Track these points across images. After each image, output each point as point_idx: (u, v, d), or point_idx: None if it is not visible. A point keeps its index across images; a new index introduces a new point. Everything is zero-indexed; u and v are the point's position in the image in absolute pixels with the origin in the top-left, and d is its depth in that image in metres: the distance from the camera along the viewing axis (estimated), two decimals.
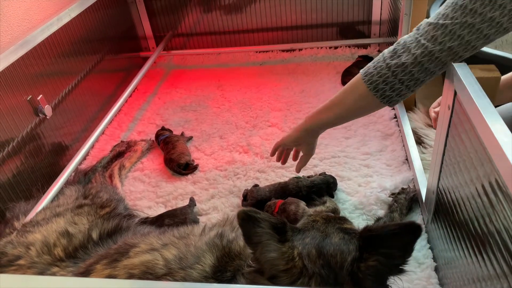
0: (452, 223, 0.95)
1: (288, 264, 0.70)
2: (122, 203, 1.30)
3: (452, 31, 0.89)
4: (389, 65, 1.00)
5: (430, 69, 0.96)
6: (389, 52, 1.00)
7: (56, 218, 1.11)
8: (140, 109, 2.00)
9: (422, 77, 0.97)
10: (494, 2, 0.83)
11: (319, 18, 2.20)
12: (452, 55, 0.90)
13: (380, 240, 0.69)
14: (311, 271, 0.68)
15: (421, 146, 1.53)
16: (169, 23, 2.34)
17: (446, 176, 0.97)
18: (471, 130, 0.78)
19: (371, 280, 0.67)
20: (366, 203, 1.30)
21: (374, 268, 0.67)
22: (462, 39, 0.88)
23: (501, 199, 0.67)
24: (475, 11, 0.85)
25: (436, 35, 0.90)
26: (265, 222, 0.71)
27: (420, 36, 0.93)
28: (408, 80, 0.98)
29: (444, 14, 0.90)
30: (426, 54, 0.92)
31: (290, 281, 0.68)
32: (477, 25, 0.86)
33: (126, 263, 0.84)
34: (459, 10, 0.88)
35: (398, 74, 0.98)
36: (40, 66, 1.51)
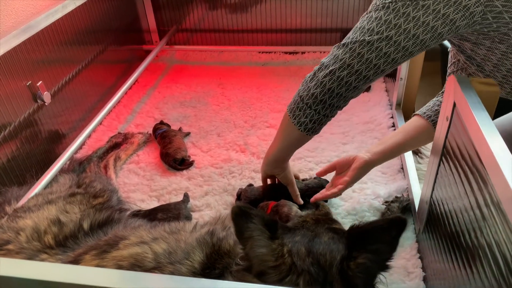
0: (443, 234, 0.95)
1: (277, 260, 0.70)
2: (116, 194, 1.30)
3: (378, 48, 0.92)
4: (302, 97, 1.05)
5: (342, 93, 1.01)
6: (308, 78, 1.05)
7: (48, 205, 1.10)
8: (140, 102, 2.00)
9: (337, 102, 1.03)
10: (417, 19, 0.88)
11: (324, 23, 2.20)
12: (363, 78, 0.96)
13: (368, 236, 0.70)
14: (300, 269, 0.68)
15: (417, 156, 1.53)
16: (173, 17, 2.34)
17: (440, 187, 0.98)
18: (468, 143, 0.79)
19: (361, 278, 0.67)
20: (359, 209, 1.30)
21: (363, 266, 0.68)
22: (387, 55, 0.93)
23: (493, 213, 0.67)
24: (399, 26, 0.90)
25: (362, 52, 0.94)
26: (258, 218, 0.72)
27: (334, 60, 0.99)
28: (323, 108, 1.03)
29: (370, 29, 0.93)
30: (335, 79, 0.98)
31: (278, 278, 0.68)
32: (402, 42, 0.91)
33: (115, 254, 0.84)
34: (384, 25, 0.91)
35: (312, 105, 1.03)
36: (42, 52, 1.51)
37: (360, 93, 1.06)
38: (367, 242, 0.69)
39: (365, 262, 0.68)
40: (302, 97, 1.06)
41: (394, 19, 0.91)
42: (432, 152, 1.03)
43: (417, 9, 0.88)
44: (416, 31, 0.90)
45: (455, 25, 0.89)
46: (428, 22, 0.89)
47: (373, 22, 0.94)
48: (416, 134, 1.17)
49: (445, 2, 0.86)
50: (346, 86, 1.00)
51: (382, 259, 0.69)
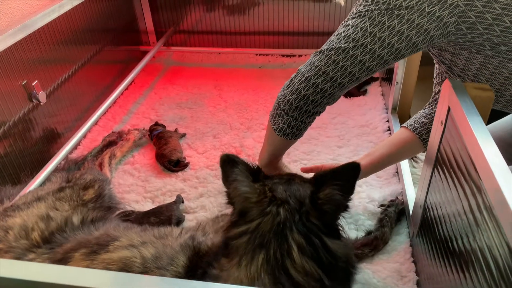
0: (436, 239, 0.95)
1: (259, 196, 0.79)
2: (108, 185, 1.25)
3: (354, 55, 0.94)
4: (279, 103, 1.07)
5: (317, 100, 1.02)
6: (286, 84, 1.08)
7: (37, 202, 1.09)
8: (136, 102, 1.99)
9: (312, 109, 1.04)
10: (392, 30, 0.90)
11: (321, 26, 2.21)
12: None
13: (329, 178, 0.79)
14: (279, 200, 0.78)
15: (412, 160, 1.54)
16: (171, 19, 2.34)
17: (434, 191, 0.98)
18: (462, 148, 0.79)
19: (329, 205, 0.77)
20: (353, 212, 1.31)
21: (330, 194, 0.77)
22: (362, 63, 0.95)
23: (486, 218, 0.67)
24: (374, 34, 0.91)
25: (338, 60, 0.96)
26: (242, 165, 0.82)
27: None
28: (299, 115, 1.04)
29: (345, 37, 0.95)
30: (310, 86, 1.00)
31: (260, 210, 0.77)
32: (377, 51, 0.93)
33: (105, 257, 0.85)
34: (360, 33, 0.93)
35: (288, 112, 1.05)
36: (38, 51, 1.50)
37: (337, 100, 1.07)
38: (330, 181, 0.79)
39: (331, 191, 0.78)
40: (279, 103, 1.08)
41: (369, 28, 0.92)
42: (426, 156, 1.04)
43: (392, 18, 0.90)
44: (391, 40, 0.91)
45: (429, 35, 0.90)
46: (402, 32, 0.90)
47: (349, 29, 0.95)
48: (402, 147, 1.18)
49: (419, 13, 0.88)
50: (321, 93, 1.01)
51: (343, 192, 0.78)
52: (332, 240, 0.77)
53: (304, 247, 0.73)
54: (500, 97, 1.01)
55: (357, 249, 1.16)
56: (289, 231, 0.74)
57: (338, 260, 0.76)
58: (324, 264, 0.74)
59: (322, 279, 0.73)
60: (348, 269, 0.81)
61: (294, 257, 0.72)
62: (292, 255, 0.72)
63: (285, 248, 0.73)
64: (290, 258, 0.72)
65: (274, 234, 0.74)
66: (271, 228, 0.75)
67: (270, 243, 0.74)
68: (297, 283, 0.71)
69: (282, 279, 0.71)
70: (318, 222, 0.76)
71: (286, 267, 0.72)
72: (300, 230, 0.74)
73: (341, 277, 0.78)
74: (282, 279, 0.71)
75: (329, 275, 0.74)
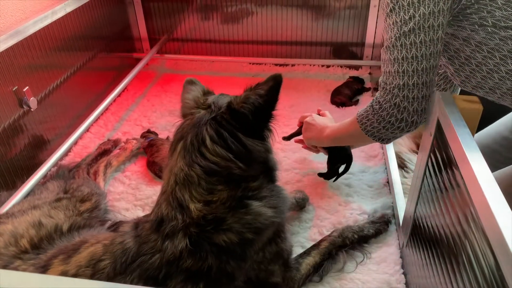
0: (426, 250, 0.95)
1: (195, 104, 0.97)
2: (104, 199, 1.28)
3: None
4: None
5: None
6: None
7: (32, 210, 1.09)
8: (128, 109, 1.99)
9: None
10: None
11: (314, 36, 2.23)
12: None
13: (254, 87, 0.92)
14: (206, 105, 0.95)
15: (403, 170, 1.54)
16: (165, 26, 2.35)
17: (423, 202, 0.98)
18: (450, 160, 0.80)
19: (246, 106, 0.89)
20: (344, 223, 1.30)
21: (245, 96, 0.90)
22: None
23: (473, 229, 0.68)
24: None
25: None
26: (199, 86, 1.04)
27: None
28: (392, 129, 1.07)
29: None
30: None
31: (190, 113, 0.95)
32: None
33: (76, 258, 0.89)
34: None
35: (386, 127, 1.07)
36: (29, 58, 1.50)
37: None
38: (252, 89, 0.92)
39: (246, 93, 0.91)
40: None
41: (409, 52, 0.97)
42: (416, 167, 1.04)
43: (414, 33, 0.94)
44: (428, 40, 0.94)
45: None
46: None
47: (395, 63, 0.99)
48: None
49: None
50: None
51: (264, 98, 0.89)
52: (250, 138, 0.91)
53: (214, 137, 0.88)
54: (497, 89, 1.02)
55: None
56: (204, 125, 0.89)
57: (252, 153, 0.91)
58: (235, 152, 0.88)
59: (235, 161, 0.88)
60: (267, 164, 0.96)
61: (207, 144, 0.88)
62: (206, 143, 0.88)
63: (200, 137, 0.88)
64: (204, 145, 0.88)
65: (192, 128, 0.91)
66: (190, 124, 0.92)
67: (188, 134, 0.90)
68: (212, 162, 0.87)
69: (197, 160, 0.87)
70: (234, 121, 0.90)
71: (202, 151, 0.88)
72: (212, 125, 0.89)
73: (257, 166, 0.93)
74: (197, 160, 0.87)
75: (241, 160, 0.89)
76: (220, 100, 0.94)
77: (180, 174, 0.87)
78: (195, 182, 0.86)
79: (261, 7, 2.19)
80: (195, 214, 0.84)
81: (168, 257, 0.82)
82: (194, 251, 0.82)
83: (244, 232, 0.86)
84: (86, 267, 0.86)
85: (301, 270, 1.10)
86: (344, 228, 1.23)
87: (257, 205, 0.89)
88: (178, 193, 0.87)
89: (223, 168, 0.87)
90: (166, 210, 0.87)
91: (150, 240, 0.85)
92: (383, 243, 1.24)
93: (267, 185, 0.95)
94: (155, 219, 0.87)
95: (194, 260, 0.82)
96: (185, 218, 0.84)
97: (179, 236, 0.83)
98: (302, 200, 1.36)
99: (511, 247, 0.53)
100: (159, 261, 0.82)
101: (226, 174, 0.87)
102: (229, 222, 0.85)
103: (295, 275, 1.08)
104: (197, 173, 0.86)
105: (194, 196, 0.86)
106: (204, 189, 0.86)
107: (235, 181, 0.88)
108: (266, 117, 0.94)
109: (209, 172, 0.86)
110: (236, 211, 0.86)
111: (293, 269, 1.08)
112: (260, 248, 0.93)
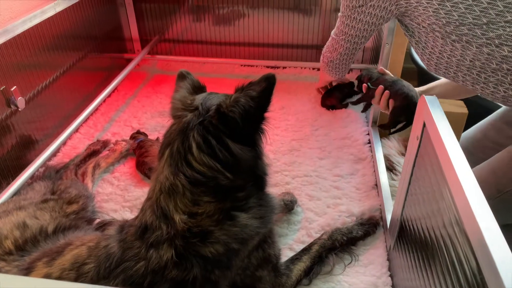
0: (412, 252, 0.96)
1: (183, 105, 0.91)
2: (92, 202, 1.27)
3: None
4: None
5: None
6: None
7: (18, 211, 1.08)
8: (118, 110, 1.98)
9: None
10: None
11: (305, 39, 2.24)
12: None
13: (245, 87, 0.88)
14: (193, 107, 0.89)
15: (391, 173, 1.55)
16: (156, 27, 2.34)
17: (410, 205, 0.99)
18: (436, 163, 0.80)
19: (235, 110, 0.84)
20: (333, 225, 1.31)
21: (235, 100, 0.84)
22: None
23: (457, 233, 0.68)
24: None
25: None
26: (190, 80, 1.00)
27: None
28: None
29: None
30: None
31: (177, 116, 0.89)
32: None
33: (60, 261, 0.88)
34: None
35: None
36: (18, 57, 1.48)
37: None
38: (243, 90, 0.88)
39: (236, 96, 0.85)
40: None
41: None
42: (403, 170, 1.05)
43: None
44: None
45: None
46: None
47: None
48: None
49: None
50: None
51: (254, 96, 0.85)
52: (238, 144, 0.85)
53: (201, 145, 0.84)
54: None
55: None
56: (191, 131, 0.85)
57: (240, 162, 0.86)
58: (222, 161, 0.84)
59: (222, 171, 0.84)
60: (255, 171, 0.92)
61: (194, 152, 0.84)
62: (192, 151, 0.84)
63: (187, 144, 0.84)
64: (191, 153, 0.84)
65: (178, 133, 0.86)
66: (177, 129, 0.87)
67: (175, 141, 0.86)
68: (198, 172, 0.83)
69: (183, 169, 0.84)
70: (222, 126, 0.85)
71: (188, 160, 0.84)
72: (199, 131, 0.84)
73: (245, 175, 0.89)
74: (183, 169, 0.84)
75: (229, 170, 0.85)
76: (208, 101, 0.89)
77: (166, 183, 0.85)
78: (180, 192, 0.84)
79: (253, 9, 2.20)
80: (180, 226, 0.82)
81: (153, 266, 0.81)
82: (179, 262, 0.81)
83: (231, 242, 0.85)
84: (69, 270, 0.85)
85: (292, 277, 1.09)
86: (333, 231, 1.24)
87: (244, 217, 0.87)
88: (163, 202, 0.84)
89: (209, 178, 0.84)
90: (150, 218, 0.85)
91: (134, 246, 0.84)
92: (370, 246, 1.25)
93: (255, 194, 0.92)
94: (139, 226, 0.86)
95: (179, 271, 0.81)
96: (170, 230, 0.83)
97: (164, 247, 0.82)
98: (291, 202, 1.36)
99: (492, 251, 0.54)
100: (143, 269, 0.82)
101: (213, 185, 0.84)
102: (217, 235, 0.84)
103: (286, 282, 1.07)
104: (182, 183, 0.83)
105: (179, 207, 0.84)
106: (189, 200, 0.84)
107: (222, 192, 0.86)
108: (257, 121, 0.89)
109: (194, 183, 0.84)
110: (223, 224, 0.85)
111: (283, 275, 1.07)
112: (246, 255, 0.92)
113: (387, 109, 1.43)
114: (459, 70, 1.22)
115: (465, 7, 1.11)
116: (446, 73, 1.28)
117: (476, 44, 1.14)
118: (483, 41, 1.12)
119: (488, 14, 1.09)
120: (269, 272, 1.01)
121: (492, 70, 1.15)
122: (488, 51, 1.13)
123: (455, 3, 1.12)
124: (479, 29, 1.11)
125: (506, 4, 1.07)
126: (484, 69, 1.16)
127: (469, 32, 1.13)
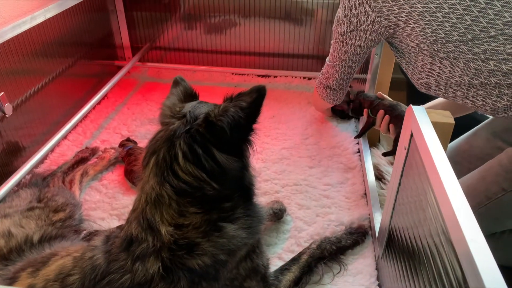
0: (400, 262, 0.96)
1: (171, 112, 0.89)
2: (79, 210, 1.26)
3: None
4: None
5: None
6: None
7: (3, 219, 1.06)
8: (108, 117, 1.97)
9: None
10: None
11: (296, 49, 2.25)
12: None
13: (234, 97, 0.86)
14: (181, 115, 0.87)
15: (381, 182, 1.56)
16: (147, 35, 2.34)
17: (398, 214, 0.99)
18: (423, 173, 0.81)
19: (223, 119, 0.82)
20: (322, 234, 1.31)
21: (224, 109, 0.83)
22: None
23: (443, 242, 0.69)
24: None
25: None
26: (183, 87, 0.98)
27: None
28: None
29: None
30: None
31: (165, 123, 0.87)
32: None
33: (44, 271, 0.87)
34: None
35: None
36: (6, 63, 1.47)
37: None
38: (232, 100, 0.86)
39: (225, 105, 0.84)
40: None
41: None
42: (391, 179, 1.05)
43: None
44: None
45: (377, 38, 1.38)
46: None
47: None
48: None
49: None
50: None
51: (244, 107, 0.83)
52: (224, 154, 0.84)
53: (187, 154, 0.82)
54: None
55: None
56: (177, 139, 0.83)
57: (226, 172, 0.84)
58: (209, 171, 0.83)
59: (208, 181, 0.83)
60: (242, 182, 0.91)
61: (180, 161, 0.82)
62: (178, 160, 0.82)
63: (173, 153, 0.82)
64: (177, 162, 0.82)
65: (165, 141, 0.84)
66: (164, 136, 0.85)
67: (161, 148, 0.84)
68: (184, 181, 0.82)
69: (169, 178, 0.82)
70: (209, 135, 0.83)
71: (174, 169, 0.82)
72: (185, 139, 0.82)
73: (232, 185, 0.88)
74: (169, 178, 0.82)
75: (215, 180, 0.83)
76: (196, 110, 0.87)
77: (152, 193, 0.83)
78: (166, 203, 0.82)
79: (244, 18, 2.21)
80: (166, 239, 0.81)
81: (139, 279, 0.80)
82: (166, 275, 0.81)
83: (218, 254, 0.84)
84: (54, 281, 0.84)
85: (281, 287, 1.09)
86: (323, 240, 1.24)
87: (231, 228, 0.86)
88: (149, 213, 0.83)
89: (195, 189, 0.82)
90: (136, 230, 0.84)
91: (120, 258, 0.83)
92: (359, 255, 1.25)
93: (242, 204, 0.91)
94: (125, 238, 0.84)
95: (166, 284, 0.80)
96: (156, 242, 0.81)
97: (150, 260, 0.81)
98: (280, 211, 1.36)
99: (476, 261, 0.54)
100: (129, 282, 0.80)
101: (199, 195, 0.83)
102: (204, 247, 0.83)
103: None
104: (168, 194, 0.82)
105: (165, 218, 0.82)
106: (176, 211, 0.82)
107: (209, 202, 0.84)
108: (246, 131, 0.88)
109: (180, 193, 0.82)
110: (210, 235, 0.84)
111: (272, 285, 1.06)
112: (234, 266, 0.92)
113: (388, 132, 1.49)
114: (449, 87, 1.25)
115: (450, 25, 1.15)
116: (437, 90, 1.31)
117: (463, 60, 1.17)
118: (470, 57, 1.16)
119: (472, 31, 1.13)
120: (257, 282, 1.00)
121: (480, 84, 1.18)
122: (475, 66, 1.16)
123: (441, 22, 1.16)
124: (465, 45, 1.15)
125: (489, 21, 1.11)
126: (473, 84, 1.19)
127: (456, 48, 1.17)
